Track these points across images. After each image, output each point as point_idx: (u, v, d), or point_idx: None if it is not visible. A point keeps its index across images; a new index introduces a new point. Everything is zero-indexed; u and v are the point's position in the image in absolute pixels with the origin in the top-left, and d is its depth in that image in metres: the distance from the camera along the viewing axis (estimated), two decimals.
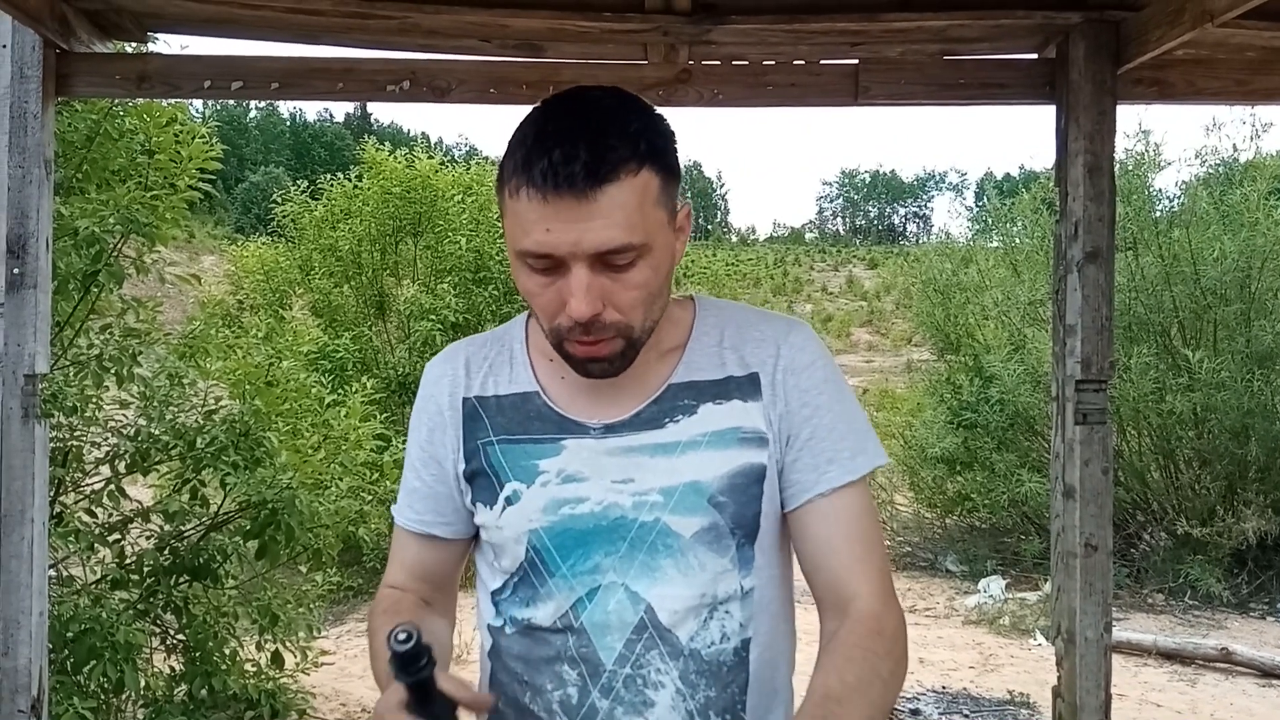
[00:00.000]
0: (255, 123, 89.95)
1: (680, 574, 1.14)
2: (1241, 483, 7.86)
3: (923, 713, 5.18)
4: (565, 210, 1.02)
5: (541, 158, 1.02)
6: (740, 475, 1.16)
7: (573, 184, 1.01)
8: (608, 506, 1.15)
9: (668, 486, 1.15)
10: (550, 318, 1.10)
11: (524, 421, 1.20)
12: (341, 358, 10.31)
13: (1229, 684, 5.77)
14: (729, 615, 1.16)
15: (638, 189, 1.05)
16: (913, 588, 8.65)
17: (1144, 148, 8.81)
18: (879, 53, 2.94)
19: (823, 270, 62.22)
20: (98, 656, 3.89)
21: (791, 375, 1.20)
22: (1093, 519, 2.82)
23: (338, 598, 7.65)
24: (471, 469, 1.22)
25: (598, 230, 1.03)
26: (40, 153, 2.72)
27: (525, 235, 1.05)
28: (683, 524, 1.14)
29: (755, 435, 1.17)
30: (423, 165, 11.66)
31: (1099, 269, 2.80)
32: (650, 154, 1.06)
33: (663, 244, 1.10)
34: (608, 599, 1.14)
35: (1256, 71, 2.97)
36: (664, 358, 1.21)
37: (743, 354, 1.21)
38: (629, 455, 1.16)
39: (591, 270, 1.05)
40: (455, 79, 2.93)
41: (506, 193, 1.06)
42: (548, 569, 1.16)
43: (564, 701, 1.14)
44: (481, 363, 1.26)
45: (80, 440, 4.53)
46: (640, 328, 1.12)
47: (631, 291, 1.08)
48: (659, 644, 1.13)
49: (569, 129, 1.04)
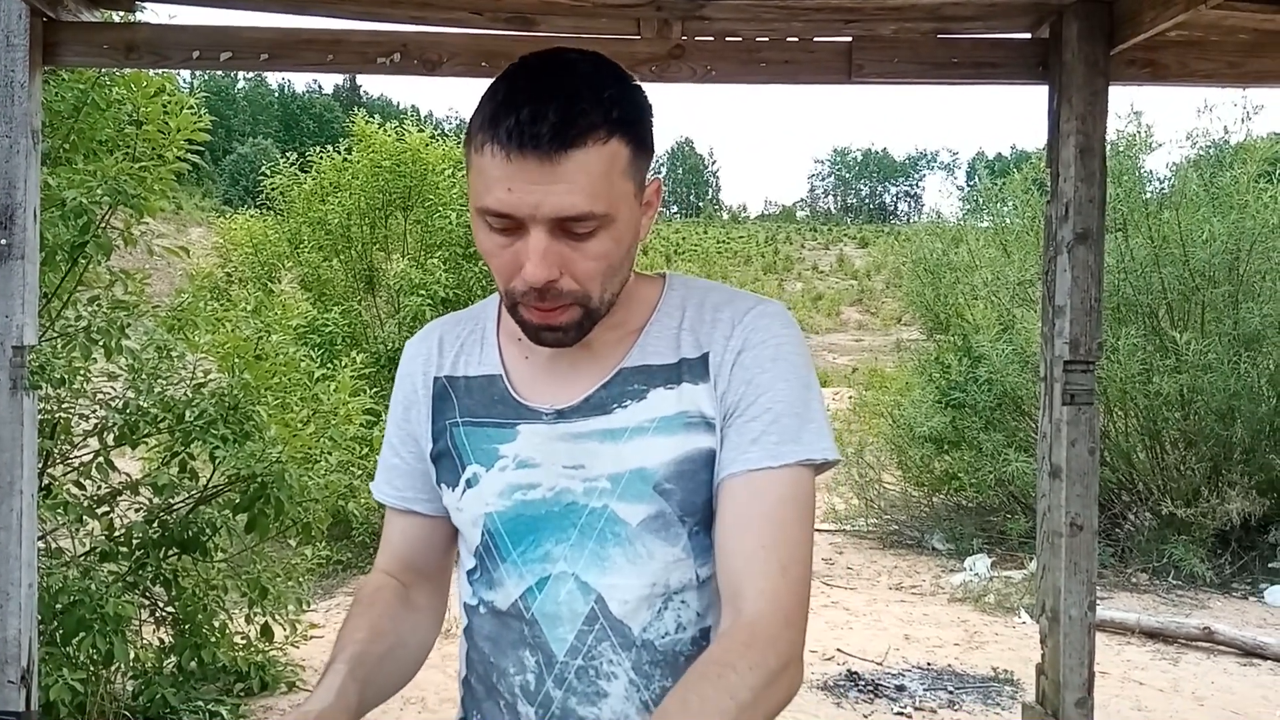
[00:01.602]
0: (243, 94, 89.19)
1: (629, 563, 1.12)
2: (1226, 464, 7.91)
3: (907, 688, 5.23)
4: (528, 171, 0.99)
5: (509, 115, 0.99)
6: (688, 461, 1.12)
7: (538, 145, 0.98)
8: (560, 492, 1.13)
9: (615, 473, 1.12)
10: (506, 279, 1.07)
11: (487, 404, 1.19)
12: (331, 332, 10.27)
13: (1211, 663, 5.84)
14: (685, 605, 1.14)
15: (605, 157, 1.02)
16: (899, 565, 8.70)
17: (1136, 129, 8.82)
18: (873, 30, 2.93)
19: (813, 248, 62.21)
20: (87, 628, 3.90)
21: (741, 354, 1.14)
22: (1078, 498, 2.85)
23: (327, 571, 7.67)
24: (438, 449, 1.21)
25: (559, 195, 1.00)
26: (27, 122, 2.70)
27: (486, 193, 1.02)
28: (630, 511, 1.12)
29: (701, 419, 1.12)
30: (413, 139, 11.59)
31: (1089, 250, 2.81)
32: (622, 123, 1.03)
33: (627, 216, 1.07)
34: (558, 589, 1.13)
35: (1249, 54, 2.98)
36: (623, 340, 1.17)
37: (698, 335, 1.16)
38: (579, 441, 1.14)
39: (550, 235, 1.02)
40: (446, 52, 2.91)
41: (473, 148, 1.04)
42: (500, 554, 1.16)
43: (524, 686, 1.15)
44: (455, 342, 1.25)
45: (68, 412, 4.52)
46: (598, 299, 1.08)
47: (590, 261, 1.05)
48: (610, 635, 1.12)
49: (541, 89, 1.01)
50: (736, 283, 40.32)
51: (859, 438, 11.34)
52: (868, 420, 12.40)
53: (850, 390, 14.98)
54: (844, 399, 16.25)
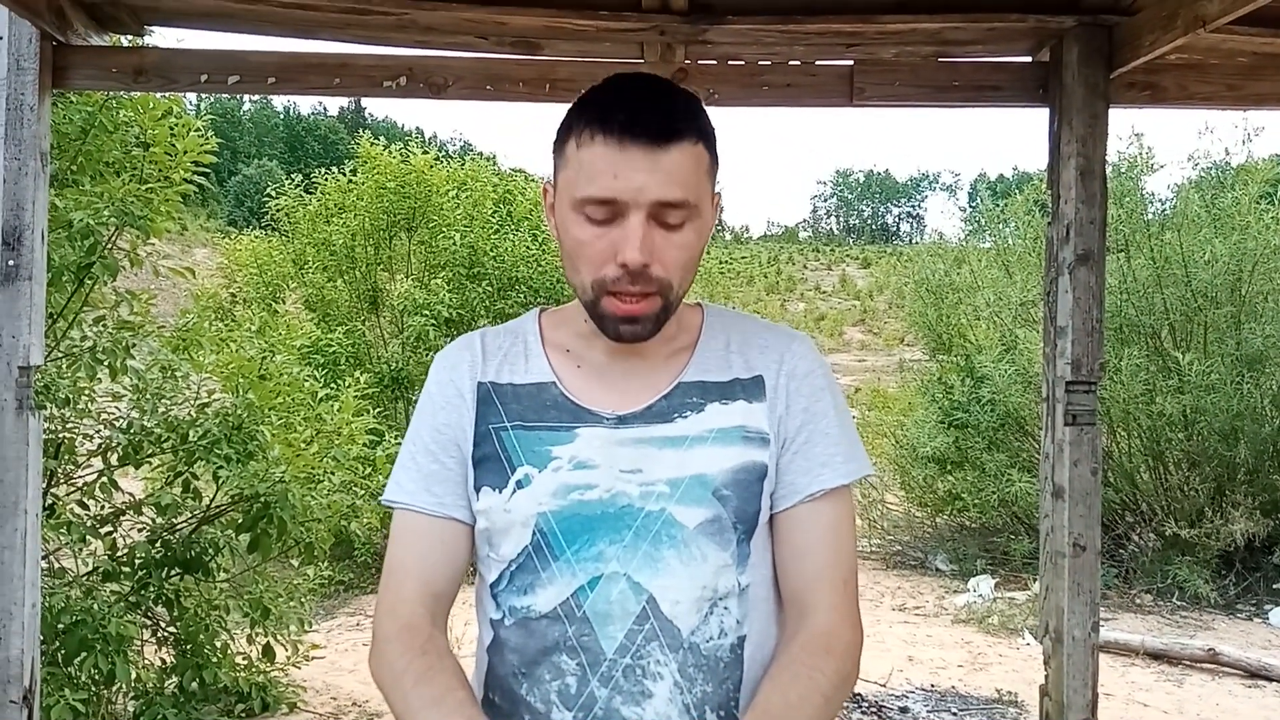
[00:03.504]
0: (249, 115, 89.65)
1: (682, 565, 1.16)
2: (1230, 485, 7.89)
3: (911, 710, 5.20)
4: (636, 158, 1.10)
5: (620, 110, 1.11)
6: (744, 472, 1.19)
7: (648, 134, 1.10)
8: (615, 494, 1.17)
9: (675, 478, 1.18)
10: (597, 268, 1.14)
11: (539, 410, 1.23)
12: (334, 352, 10.28)
13: (1215, 684, 5.81)
14: (727, 611, 1.18)
15: (695, 157, 1.14)
16: (902, 586, 8.67)
17: (1137, 150, 8.85)
18: (874, 54, 2.96)
19: (816, 269, 62.29)
20: (89, 648, 3.89)
21: (794, 380, 1.25)
22: (1081, 519, 2.84)
23: (329, 592, 7.65)
24: (481, 453, 1.23)
25: (662, 182, 1.11)
26: (36, 145, 2.72)
27: (590, 182, 1.12)
28: (687, 515, 1.17)
29: (759, 435, 1.21)
30: (417, 160, 11.64)
31: (1090, 271, 2.82)
32: (705, 133, 1.17)
33: (707, 215, 1.18)
34: (610, 589, 1.15)
35: (1248, 76, 3.00)
36: (675, 355, 1.26)
37: (748, 358, 1.26)
38: (639, 446, 1.19)
39: (647, 223, 1.12)
40: (452, 75, 2.94)
41: (574, 143, 1.14)
42: (552, 553, 1.17)
43: (562, 692, 1.15)
44: (497, 351, 1.29)
45: (73, 432, 4.53)
46: (676, 291, 1.17)
47: (678, 251, 1.15)
48: (660, 635, 1.15)
49: (643, 93, 1.15)
50: (740, 303, 40.35)
51: None
52: (871, 441, 12.37)
53: (853, 411, 14.96)
54: None
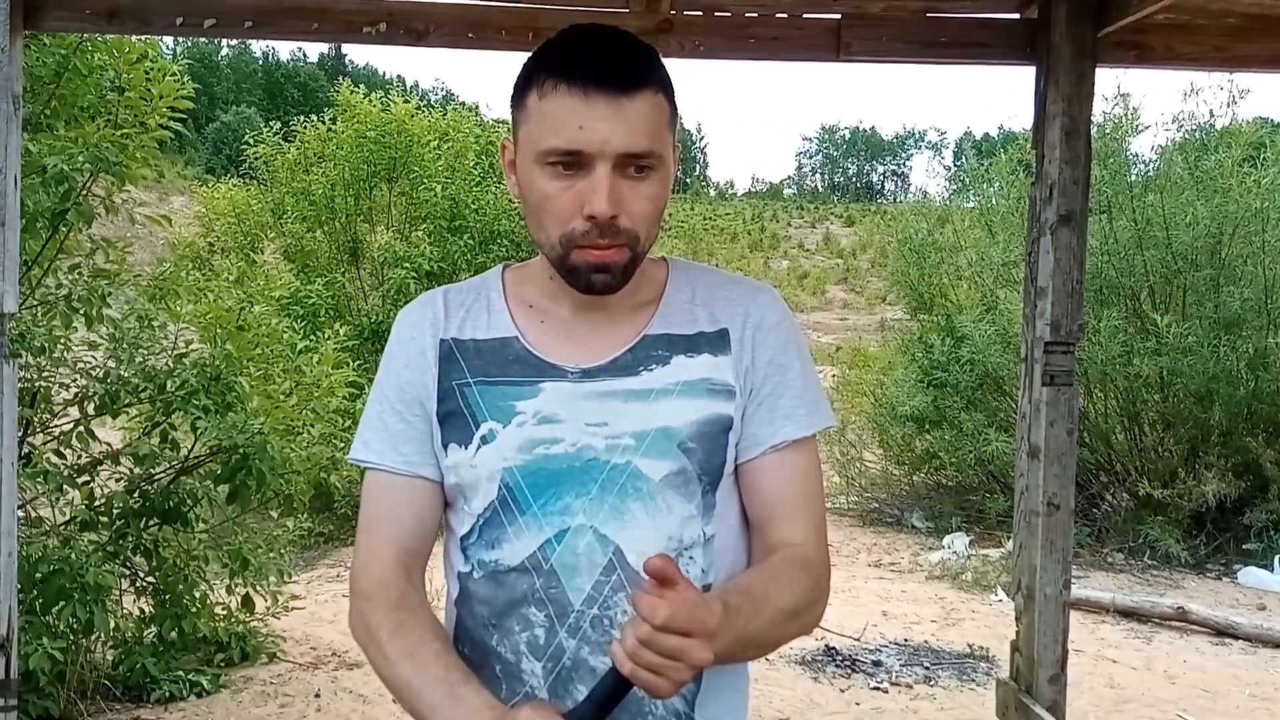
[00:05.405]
0: (227, 61, 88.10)
1: (649, 517, 1.17)
2: (1204, 446, 7.98)
3: (884, 664, 5.28)
4: (601, 107, 1.10)
5: (583, 60, 1.11)
6: (709, 424, 1.20)
7: (612, 83, 1.10)
8: (581, 448, 1.18)
9: (640, 430, 1.18)
10: (565, 222, 1.14)
11: (502, 365, 1.23)
12: (314, 304, 10.22)
13: (1184, 642, 5.92)
14: (693, 560, 1.19)
15: (658, 106, 1.15)
16: (878, 543, 8.76)
17: (1122, 111, 8.82)
18: (861, 8, 2.92)
19: (800, 227, 62.12)
20: (67, 597, 3.89)
21: (759, 333, 1.25)
22: (1056, 479, 2.87)
23: (308, 543, 7.66)
24: (445, 409, 1.23)
25: (627, 132, 1.10)
26: (8, 88, 2.66)
27: (554, 134, 1.11)
28: (653, 467, 1.18)
29: (724, 387, 1.22)
30: (398, 109, 11.50)
31: (1072, 232, 2.82)
32: (664, 83, 1.17)
33: (670, 166, 1.18)
34: (577, 541, 1.16)
35: (1236, 38, 2.98)
36: (640, 309, 1.25)
37: (713, 311, 1.26)
38: (604, 399, 1.20)
39: (612, 174, 1.11)
40: (433, 22, 2.88)
41: (535, 94, 1.13)
42: (519, 507, 1.18)
43: (531, 643, 1.17)
44: (459, 308, 1.28)
45: (49, 381, 4.50)
46: (643, 242, 1.17)
47: (644, 202, 1.15)
48: (626, 586, 1.15)
49: (605, 44, 1.14)
50: (723, 260, 40.25)
51: (841, 416, 11.37)
52: (850, 399, 12.44)
53: (834, 369, 15.01)
54: (828, 377, 16.30)
